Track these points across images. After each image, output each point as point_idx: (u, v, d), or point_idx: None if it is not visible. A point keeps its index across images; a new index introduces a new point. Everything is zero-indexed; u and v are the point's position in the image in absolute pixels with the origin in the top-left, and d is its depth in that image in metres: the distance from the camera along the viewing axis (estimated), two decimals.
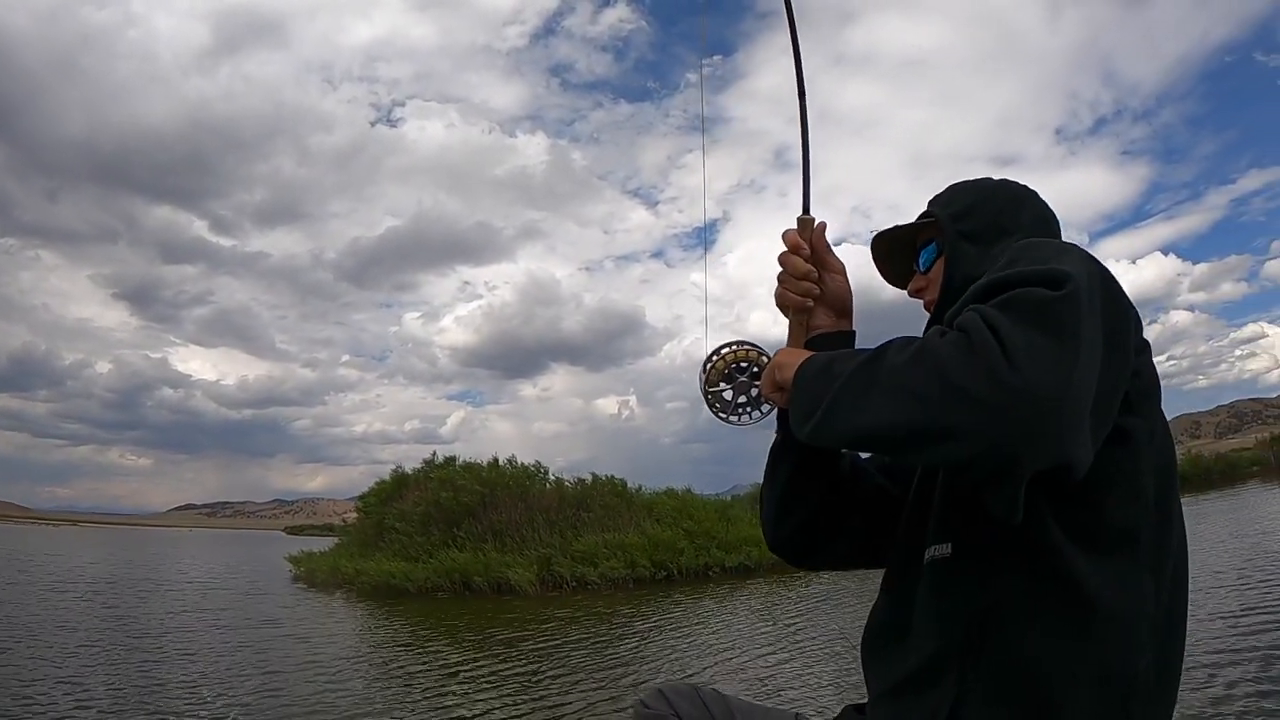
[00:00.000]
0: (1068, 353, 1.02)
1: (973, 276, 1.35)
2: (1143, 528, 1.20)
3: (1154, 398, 1.26)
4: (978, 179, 1.67)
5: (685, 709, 1.70)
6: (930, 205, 1.65)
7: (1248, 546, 13.72)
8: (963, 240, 1.54)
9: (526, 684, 7.99)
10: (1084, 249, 1.25)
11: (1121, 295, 1.20)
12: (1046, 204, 1.63)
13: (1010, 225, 1.54)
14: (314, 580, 21.32)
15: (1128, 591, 1.18)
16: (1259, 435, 51.82)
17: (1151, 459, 1.22)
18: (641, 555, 17.49)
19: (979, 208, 1.57)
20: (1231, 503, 25.38)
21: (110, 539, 69.58)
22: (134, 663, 9.16)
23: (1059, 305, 1.05)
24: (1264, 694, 5.54)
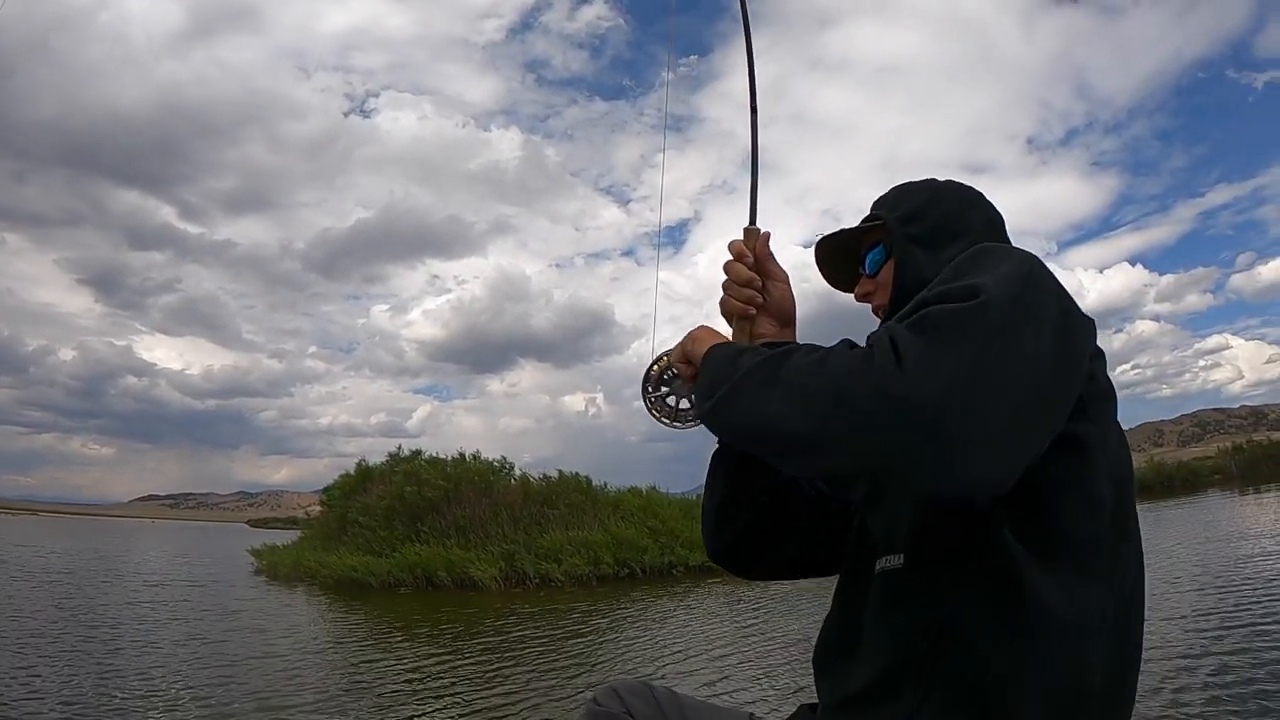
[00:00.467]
0: (966, 361, 1.00)
1: (924, 280, 1.35)
2: (1099, 536, 1.17)
3: (1108, 404, 1.25)
4: (924, 180, 1.65)
5: (638, 706, 1.69)
6: (875, 208, 1.64)
7: (1207, 553, 13.87)
8: (912, 244, 1.52)
9: (480, 680, 7.97)
10: (1032, 254, 1.23)
11: (1067, 301, 1.19)
12: (993, 205, 1.62)
13: (959, 228, 1.52)
14: (276, 574, 21.14)
15: (1083, 601, 1.15)
16: (1221, 444, 52.42)
17: (1106, 466, 1.20)
18: (605, 553, 17.48)
19: (927, 210, 1.55)
20: (1192, 510, 25.66)
21: (71, 529, 68.78)
22: (88, 652, 9.09)
23: (966, 315, 1.04)
24: (1217, 699, 5.59)
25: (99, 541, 43.76)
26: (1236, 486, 36.31)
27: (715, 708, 1.80)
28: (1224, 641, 7.30)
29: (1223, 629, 7.83)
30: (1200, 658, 6.74)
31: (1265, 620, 8.03)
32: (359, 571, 17.73)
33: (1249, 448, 45.29)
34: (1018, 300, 1.08)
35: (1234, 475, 41.74)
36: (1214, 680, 6.06)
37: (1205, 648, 7.07)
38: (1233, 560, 12.76)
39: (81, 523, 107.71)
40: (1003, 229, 1.58)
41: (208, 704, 6.98)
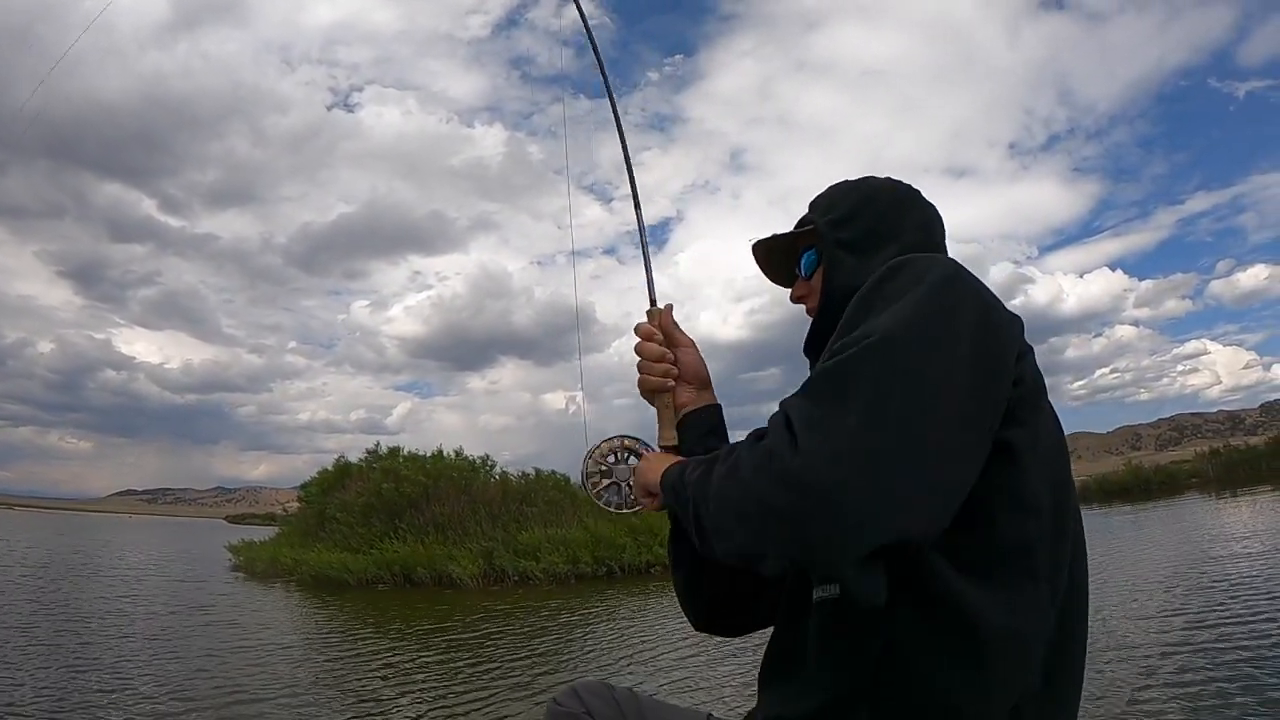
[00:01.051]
0: (856, 422, 0.99)
1: (851, 288, 1.35)
2: (1035, 541, 1.15)
3: (1038, 403, 1.21)
4: (860, 180, 1.63)
5: (598, 707, 1.70)
6: (810, 208, 1.63)
7: (1180, 554, 13.98)
8: (841, 250, 1.51)
9: (449, 676, 7.98)
10: (947, 264, 1.21)
11: (985, 308, 1.16)
12: (931, 206, 1.60)
13: (890, 232, 1.51)
14: (253, 570, 21.04)
15: (1023, 608, 1.12)
16: (1198, 448, 52.71)
17: (1039, 468, 1.17)
18: (584, 551, 17.43)
19: (859, 214, 1.53)
20: (1169, 513, 25.85)
21: (47, 523, 68.43)
22: (61, 645, 9.12)
23: (854, 367, 1.04)
24: (1177, 696, 5.65)
25: (75, 536, 43.53)
26: (1214, 490, 36.60)
27: (674, 707, 1.81)
28: (1188, 640, 7.39)
29: (1188, 628, 7.93)
30: (1164, 656, 6.82)
31: (1229, 620, 8.12)
32: (336, 568, 17.64)
33: (1226, 452, 45.59)
34: (919, 332, 1.07)
35: (1211, 479, 42.07)
36: (1174, 678, 6.14)
37: (1170, 646, 7.16)
38: (1205, 561, 12.88)
39: (58, 517, 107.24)
40: (936, 230, 1.58)
41: (179, 695, 7.04)
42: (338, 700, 7.06)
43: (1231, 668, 6.25)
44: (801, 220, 1.63)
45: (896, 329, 1.06)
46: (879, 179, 1.61)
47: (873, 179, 1.62)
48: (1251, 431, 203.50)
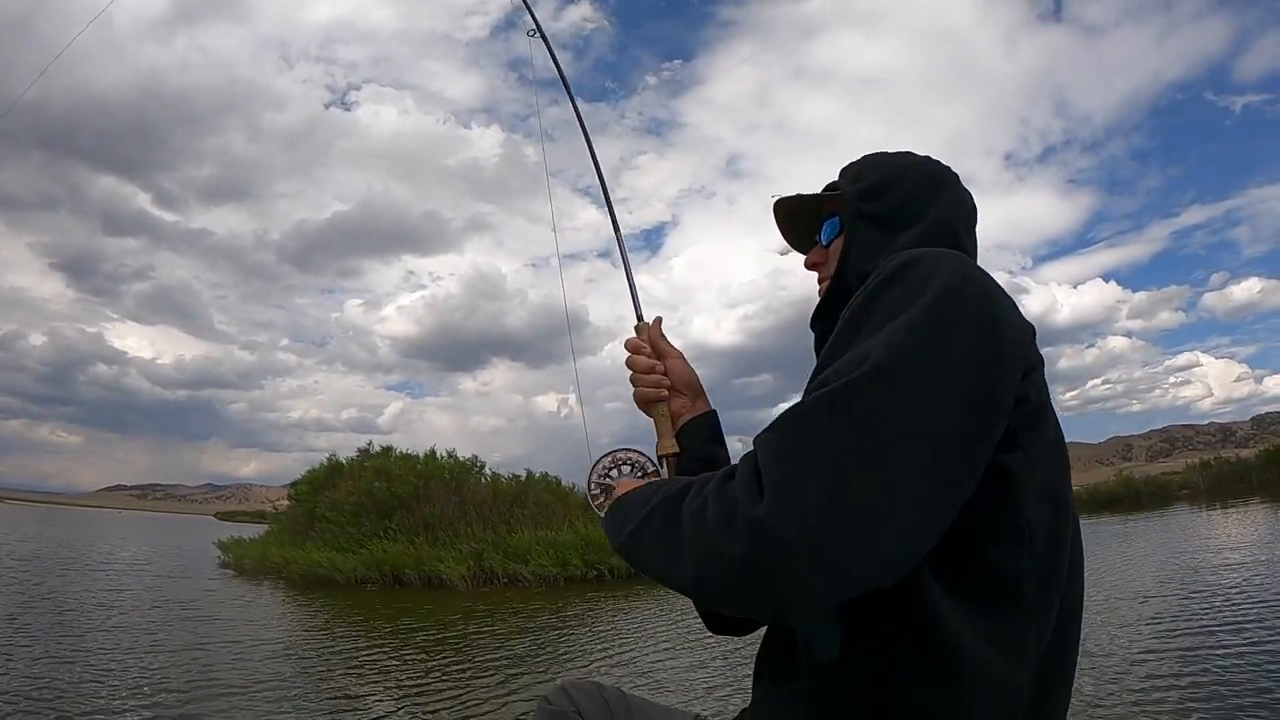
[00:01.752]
0: (831, 469, 0.94)
1: (864, 271, 1.31)
2: (1028, 567, 1.10)
3: (1040, 422, 1.14)
4: (896, 153, 1.56)
5: (587, 706, 1.71)
6: (840, 175, 1.57)
7: (1169, 564, 13.96)
8: (864, 222, 1.45)
9: (433, 675, 7.98)
10: (954, 270, 1.12)
11: (991, 322, 1.09)
12: (965, 191, 1.52)
13: (918, 212, 1.43)
14: (242, 568, 20.97)
15: (1012, 636, 1.09)
16: (1189, 460, 52.70)
17: (1036, 490, 1.11)
18: (574, 554, 17.40)
19: (889, 188, 1.46)
20: (1159, 523, 25.86)
21: (36, 517, 68.20)
22: (45, 638, 9.10)
23: (831, 406, 0.98)
24: (1160, 701, 5.66)
25: (64, 530, 43.39)
26: (1204, 502, 36.59)
27: (662, 707, 1.81)
28: (1172, 648, 7.45)
29: (1172, 636, 7.99)
30: (1147, 663, 6.86)
31: (1215, 626, 8.20)
32: (325, 567, 17.59)
33: (1217, 464, 45.46)
34: (906, 370, 1.00)
35: (1202, 491, 42.02)
36: (1149, 684, 6.18)
37: (1152, 654, 7.21)
38: (1194, 571, 12.88)
39: (47, 511, 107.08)
40: (966, 215, 1.50)
41: (160, 687, 7.15)
42: (318, 696, 7.11)
43: (1216, 675, 6.32)
44: (829, 185, 1.57)
45: (883, 364, 0.99)
46: (916, 155, 1.55)
47: (910, 154, 1.55)
48: (1242, 444, 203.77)
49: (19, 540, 30.15)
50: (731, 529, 0.96)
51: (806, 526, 0.91)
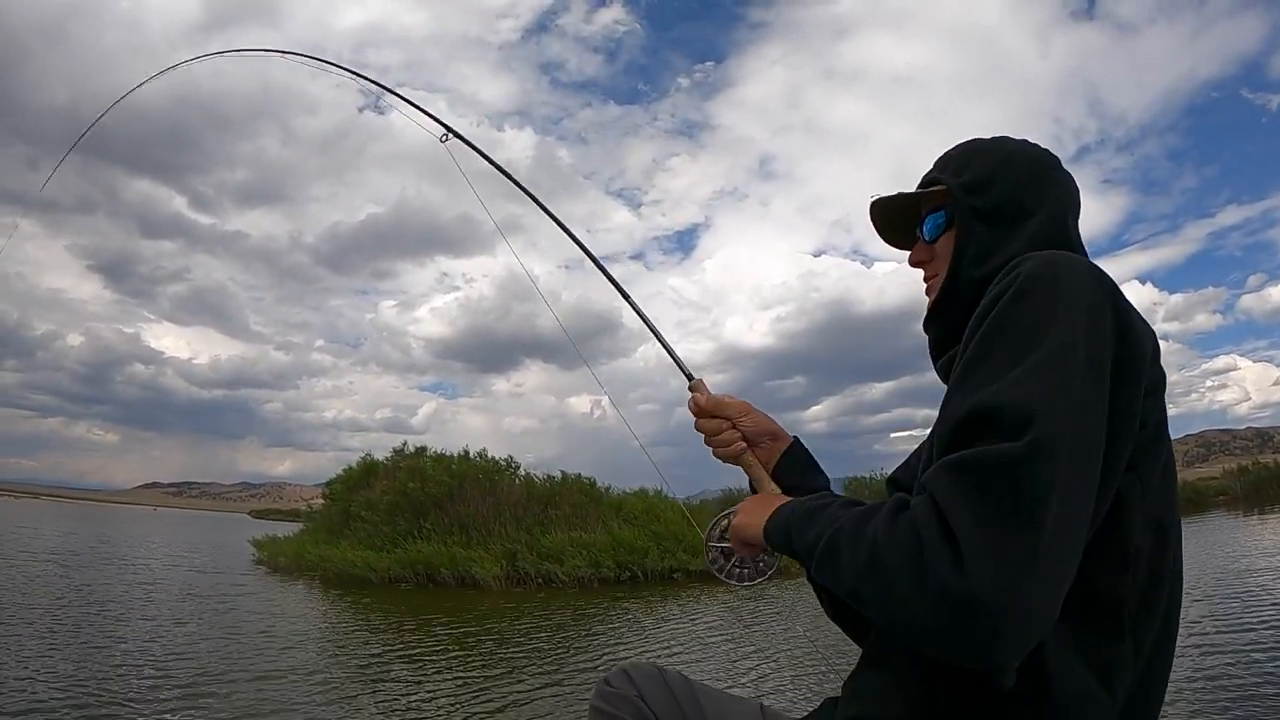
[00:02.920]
0: (1029, 540, 0.92)
1: (984, 261, 1.33)
2: (1127, 595, 1.10)
3: (1156, 446, 1.14)
4: (995, 141, 1.50)
5: (649, 689, 1.68)
6: (938, 168, 1.50)
7: (1210, 571, 13.75)
8: (975, 218, 1.39)
9: (474, 670, 7.95)
10: (1089, 283, 1.11)
11: (1128, 343, 1.09)
12: (1070, 176, 1.46)
13: (1029, 205, 1.38)
14: (276, 565, 21.12)
15: (1109, 657, 1.09)
16: (1226, 465, 51.95)
17: (1143, 515, 1.10)
18: (607, 555, 17.41)
19: (995, 180, 1.40)
20: (1197, 529, 25.53)
21: (73, 513, 69.02)
22: (88, 629, 9.19)
23: (1020, 471, 0.95)
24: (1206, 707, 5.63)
25: (101, 526, 43.94)
26: (1242, 508, 36.11)
27: (727, 695, 1.77)
28: (1211, 652, 7.36)
29: (1211, 640, 7.89)
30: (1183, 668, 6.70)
31: (1256, 630, 8.15)
32: (359, 566, 17.68)
33: (1255, 469, 44.81)
34: (1070, 422, 0.99)
35: (1239, 497, 41.44)
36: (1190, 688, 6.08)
37: (1192, 659, 7.06)
38: (1231, 577, 12.72)
39: (84, 508, 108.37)
40: (1074, 205, 1.44)
41: (197, 674, 7.33)
42: (356, 686, 7.25)
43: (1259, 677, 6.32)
44: (927, 179, 1.51)
45: (1059, 427, 0.98)
46: (1015, 141, 1.48)
47: (1009, 140, 1.49)
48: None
49: (57, 536, 30.59)
50: (926, 596, 0.95)
51: (1012, 595, 0.91)
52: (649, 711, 1.65)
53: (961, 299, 1.37)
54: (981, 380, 1.06)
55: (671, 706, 1.67)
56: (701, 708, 1.68)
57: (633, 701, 1.65)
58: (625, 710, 1.65)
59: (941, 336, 1.46)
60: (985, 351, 1.09)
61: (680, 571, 17.69)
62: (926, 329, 1.49)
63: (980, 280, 1.30)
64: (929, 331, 1.49)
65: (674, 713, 1.66)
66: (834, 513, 1.20)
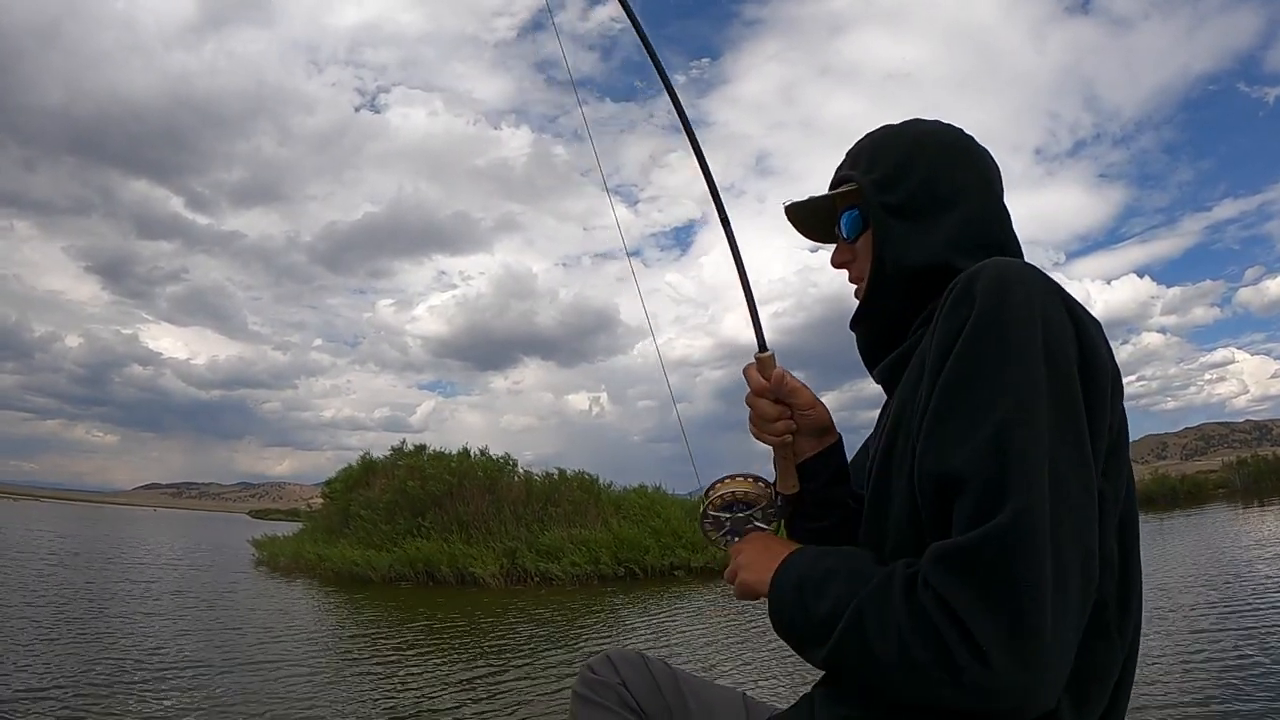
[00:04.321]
0: (1035, 613, 0.94)
1: (904, 261, 1.31)
2: (1108, 598, 1.11)
3: (1123, 447, 1.14)
4: (904, 125, 1.46)
5: (631, 676, 1.66)
6: (847, 163, 1.47)
7: (1210, 563, 13.79)
8: (890, 215, 1.35)
9: (473, 665, 7.96)
10: (1041, 290, 1.09)
11: (1092, 359, 1.08)
12: (986, 155, 1.43)
13: (946, 194, 1.35)
14: (276, 565, 21.10)
15: (1098, 666, 1.11)
16: (1225, 458, 52.07)
17: (1116, 517, 1.12)
18: (606, 552, 17.42)
19: (906, 172, 1.36)
20: (1196, 522, 25.57)
21: (73, 515, 68.98)
22: (86, 630, 9.16)
23: (1008, 554, 0.96)
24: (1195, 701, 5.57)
25: (101, 527, 43.92)
26: (1241, 501, 36.14)
27: (708, 682, 1.76)
28: (1210, 644, 7.40)
29: (1210, 632, 7.94)
30: (1185, 661, 6.78)
31: (1255, 624, 8.17)
32: (359, 565, 17.68)
33: (1253, 462, 44.86)
34: (1054, 473, 1.00)
35: (1238, 490, 41.53)
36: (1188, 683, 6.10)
37: (1192, 651, 7.12)
38: (1231, 569, 12.81)
39: (84, 508, 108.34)
40: (997, 184, 1.41)
41: (198, 669, 7.40)
42: (360, 682, 7.30)
43: (1260, 669, 6.34)
44: (839, 176, 1.47)
45: (1031, 494, 0.97)
46: (925, 123, 1.45)
47: (918, 123, 1.45)
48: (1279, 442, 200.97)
49: (59, 537, 30.63)
50: (969, 690, 0.97)
51: (1038, 671, 0.95)
52: (631, 698, 1.64)
53: (887, 298, 1.36)
54: (950, 438, 1.06)
55: (654, 694, 1.65)
56: (684, 695, 1.67)
57: (615, 688, 1.64)
58: (607, 697, 1.63)
59: (871, 338, 1.45)
60: (949, 406, 1.08)
61: (680, 568, 17.68)
62: (854, 327, 1.48)
63: (907, 277, 1.31)
64: (856, 331, 1.48)
65: (656, 700, 1.65)
66: (851, 584, 1.15)
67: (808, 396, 1.45)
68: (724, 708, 1.70)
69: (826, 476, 1.48)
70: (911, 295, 1.33)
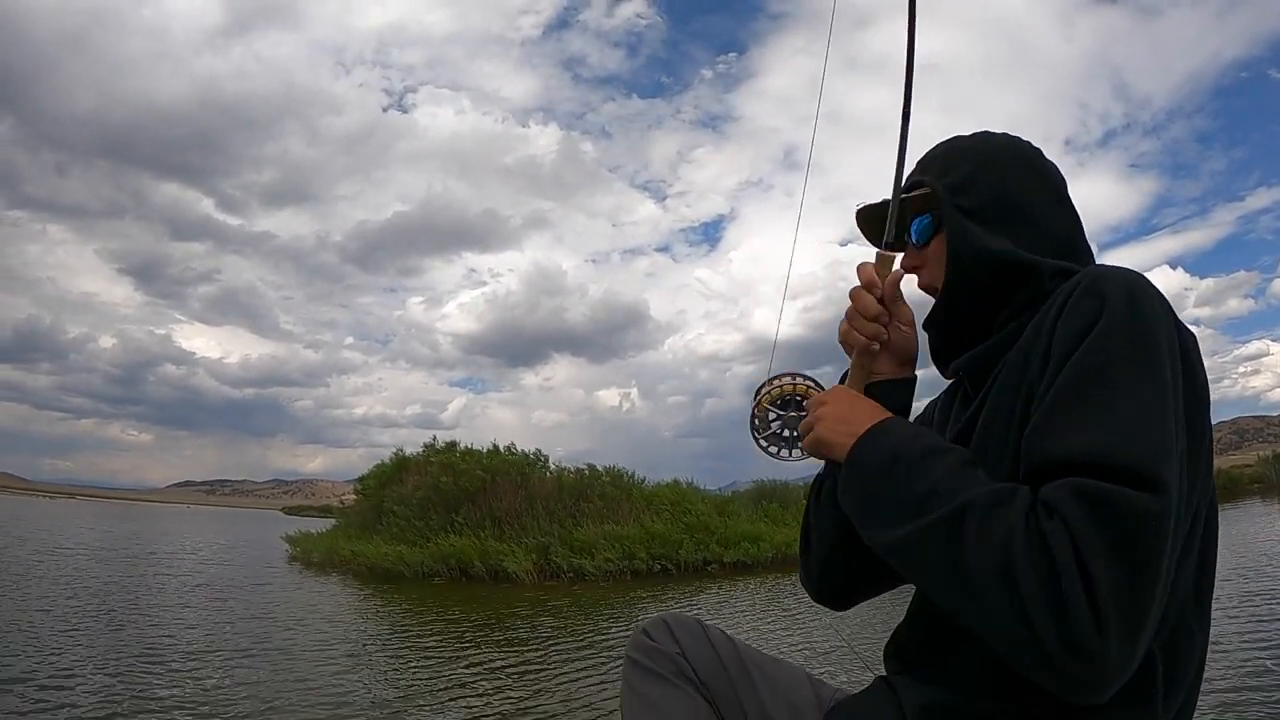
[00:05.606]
0: (1149, 595, 0.94)
1: (985, 255, 1.31)
2: (1187, 595, 1.13)
3: (1211, 454, 1.15)
4: (975, 137, 1.48)
5: (690, 644, 1.60)
6: (921, 169, 1.49)
7: (1244, 558, 13.59)
8: (964, 217, 1.36)
9: (512, 656, 7.90)
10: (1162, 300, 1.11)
11: (1197, 369, 1.11)
12: (1053, 166, 1.45)
13: (1018, 200, 1.37)
14: (310, 561, 21.24)
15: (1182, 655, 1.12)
16: (1260, 452, 51.33)
17: (1203, 523, 1.13)
18: (639, 548, 17.39)
19: (979, 179, 1.38)
20: (1231, 516, 25.22)
21: (110, 512, 69.85)
22: (127, 624, 9.21)
23: (1152, 527, 0.95)
24: None
25: (137, 525, 44.34)
26: (1277, 496, 35.68)
27: (772, 657, 1.69)
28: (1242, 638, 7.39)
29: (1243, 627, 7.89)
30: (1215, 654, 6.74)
31: None
32: (393, 560, 17.76)
33: None
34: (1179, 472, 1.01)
35: (1274, 484, 40.99)
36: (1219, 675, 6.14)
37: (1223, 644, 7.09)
38: (1267, 564, 12.69)
39: (119, 506, 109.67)
40: (1064, 193, 1.43)
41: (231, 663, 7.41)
42: (397, 670, 7.31)
43: None
44: (911, 181, 1.47)
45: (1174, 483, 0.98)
46: (996, 136, 1.47)
47: (990, 136, 1.47)
48: None
49: (95, 534, 30.94)
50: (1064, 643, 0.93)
51: (1130, 655, 0.94)
52: (689, 668, 1.57)
53: (968, 294, 1.36)
54: (1083, 422, 1.04)
55: (714, 664, 1.59)
56: (746, 668, 1.61)
57: (673, 657, 1.57)
58: (664, 666, 1.56)
59: (945, 337, 1.45)
60: (1082, 392, 1.06)
61: (714, 563, 17.64)
62: (927, 329, 1.46)
63: (990, 272, 1.31)
64: (930, 331, 1.46)
65: (717, 671, 1.58)
66: (957, 472, 1.11)
67: (910, 314, 1.48)
68: (790, 684, 1.64)
69: (898, 407, 1.43)
70: (993, 292, 1.33)
